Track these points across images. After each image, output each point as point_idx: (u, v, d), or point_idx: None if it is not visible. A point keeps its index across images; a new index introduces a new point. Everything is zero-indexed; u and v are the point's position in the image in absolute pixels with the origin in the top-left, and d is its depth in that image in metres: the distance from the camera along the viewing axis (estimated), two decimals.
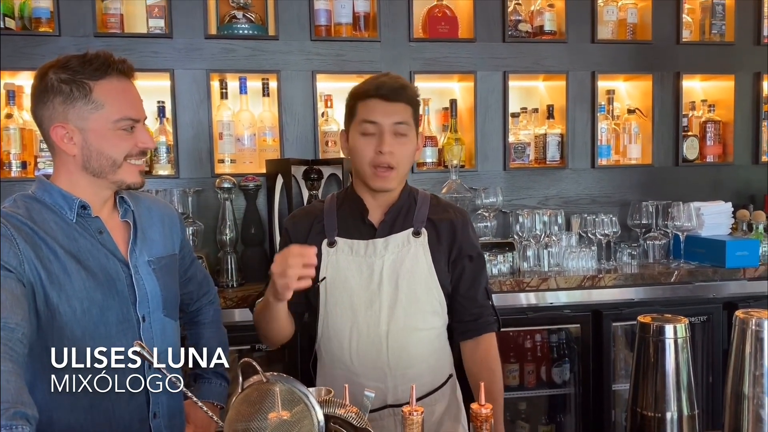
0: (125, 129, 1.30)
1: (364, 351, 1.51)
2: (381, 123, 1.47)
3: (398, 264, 1.51)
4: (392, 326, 1.50)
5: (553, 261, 2.73)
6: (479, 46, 2.92)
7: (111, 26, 2.65)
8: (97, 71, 1.27)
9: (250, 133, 2.77)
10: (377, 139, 1.47)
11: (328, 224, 1.56)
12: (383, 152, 1.46)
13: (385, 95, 1.47)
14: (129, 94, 1.31)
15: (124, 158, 1.31)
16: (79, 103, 1.26)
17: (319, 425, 0.90)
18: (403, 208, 1.57)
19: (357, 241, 1.54)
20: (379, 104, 1.47)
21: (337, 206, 1.60)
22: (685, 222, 2.77)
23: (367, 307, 1.51)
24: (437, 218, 1.58)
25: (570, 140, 3.03)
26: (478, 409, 1.04)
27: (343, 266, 1.52)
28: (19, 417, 0.93)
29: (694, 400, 1.17)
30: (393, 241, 1.53)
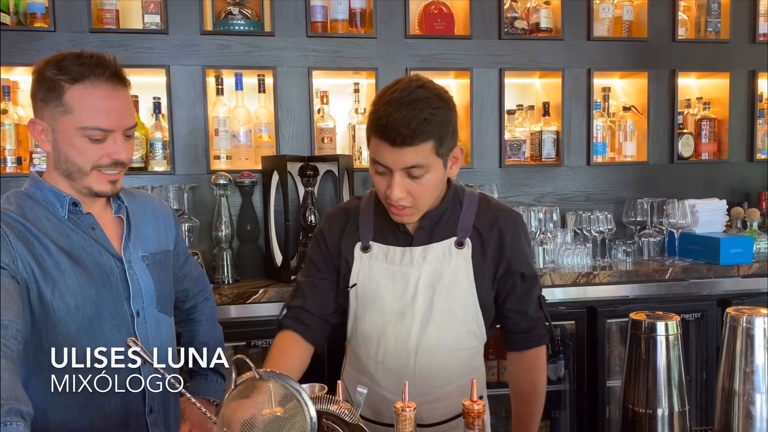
0: (92, 138, 1.25)
1: (390, 364, 1.41)
2: (390, 167, 1.27)
3: (436, 277, 1.38)
4: (423, 343, 1.38)
5: (549, 258, 2.74)
6: (475, 43, 2.93)
7: (106, 22, 2.64)
8: (77, 74, 1.23)
9: (245, 130, 2.77)
10: (389, 178, 1.29)
11: (363, 226, 1.43)
12: (390, 198, 1.29)
13: (393, 140, 1.23)
14: (105, 102, 1.25)
15: (92, 168, 1.27)
16: (52, 104, 1.24)
17: (312, 421, 0.90)
18: (445, 214, 1.41)
19: (393, 248, 1.40)
20: (387, 149, 1.24)
21: (375, 205, 1.45)
22: (680, 219, 2.78)
23: (398, 319, 1.39)
24: (484, 227, 1.41)
25: (566, 137, 3.03)
26: (470, 405, 1.05)
27: (376, 274, 1.40)
28: (14, 413, 0.94)
29: (685, 397, 1.18)
30: (432, 251, 1.39)
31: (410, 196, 1.29)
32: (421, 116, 1.22)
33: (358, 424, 0.96)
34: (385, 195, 1.31)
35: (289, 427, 0.90)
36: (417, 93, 1.24)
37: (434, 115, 1.24)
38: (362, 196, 1.51)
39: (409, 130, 1.22)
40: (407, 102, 1.23)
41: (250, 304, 2.39)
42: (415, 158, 1.25)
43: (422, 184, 1.29)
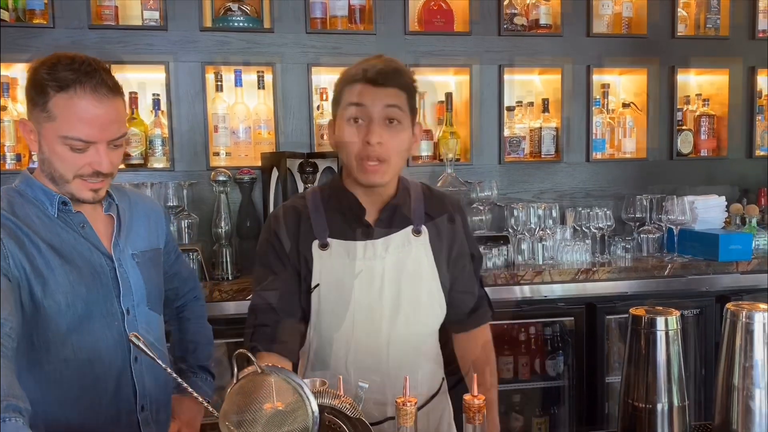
0: (73, 147, 1.22)
1: (362, 361, 1.37)
2: (369, 107, 1.28)
3: (400, 266, 1.37)
4: (393, 334, 1.37)
5: (548, 254, 2.74)
6: (475, 40, 2.93)
7: (105, 18, 2.64)
8: (64, 81, 1.20)
9: (245, 126, 2.77)
10: (365, 128, 1.29)
11: (316, 224, 1.38)
12: (371, 143, 1.28)
13: (374, 79, 1.28)
14: (88, 113, 1.21)
15: (74, 176, 1.26)
16: (38, 108, 1.23)
17: (314, 416, 0.90)
18: (399, 203, 1.41)
19: (353, 243, 1.37)
20: (367, 88, 1.28)
21: (323, 202, 1.41)
22: (679, 216, 2.78)
23: (367, 314, 1.36)
24: (436, 213, 1.44)
25: (565, 134, 3.04)
26: (470, 400, 1.05)
27: (338, 271, 1.36)
28: (12, 410, 0.94)
29: (685, 392, 1.19)
30: (393, 242, 1.38)
31: (385, 148, 1.29)
32: (396, 66, 1.34)
33: (359, 419, 0.96)
34: (360, 148, 1.30)
35: (291, 421, 0.90)
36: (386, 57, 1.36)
37: (405, 71, 1.35)
38: (303, 194, 1.47)
39: (388, 71, 1.30)
40: (381, 60, 1.34)
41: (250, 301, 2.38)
42: (394, 98, 1.30)
43: (396, 133, 1.31)
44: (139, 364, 1.36)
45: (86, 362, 1.28)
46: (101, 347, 1.30)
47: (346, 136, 1.31)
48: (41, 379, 1.25)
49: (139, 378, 1.36)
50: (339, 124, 1.34)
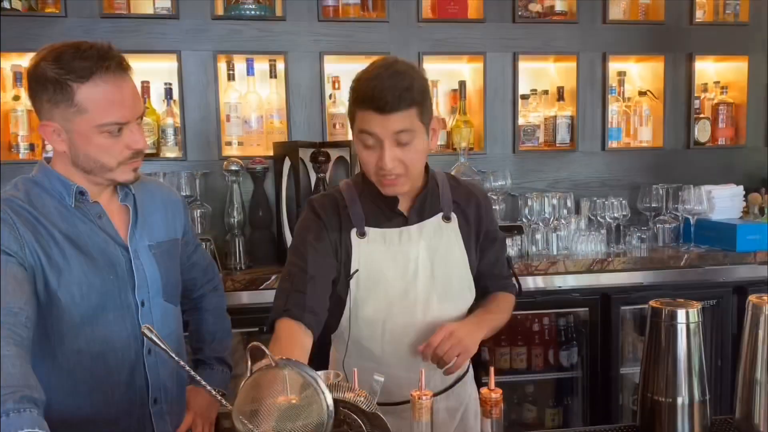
0: (111, 132, 1.23)
1: (398, 342, 1.44)
2: (379, 135, 1.30)
3: (432, 251, 1.45)
4: (428, 315, 1.44)
5: (562, 244, 2.71)
6: (489, 27, 2.89)
7: (117, 7, 2.63)
8: (83, 71, 1.19)
9: (257, 116, 2.75)
10: (378, 152, 1.32)
11: (354, 214, 1.44)
12: (384, 168, 1.32)
13: (381, 108, 1.28)
14: (116, 96, 1.23)
15: (118, 164, 1.27)
16: (63, 105, 1.21)
17: (329, 409, 0.89)
18: (429, 191, 1.47)
19: (389, 230, 1.44)
20: (375, 117, 1.29)
21: (358, 193, 1.47)
22: (696, 205, 2.74)
23: (402, 297, 1.43)
24: (462, 200, 1.51)
25: (580, 122, 3.00)
26: (487, 394, 1.04)
27: (377, 257, 1.43)
28: (26, 400, 0.94)
29: (706, 386, 1.17)
30: (427, 228, 1.45)
31: (401, 164, 1.33)
32: (404, 84, 1.29)
33: (375, 413, 0.95)
34: (376, 168, 1.34)
35: (306, 415, 0.89)
36: (396, 66, 1.32)
37: (415, 83, 1.31)
38: (338, 187, 1.51)
39: (394, 96, 1.28)
40: (389, 75, 1.29)
41: (263, 290, 2.38)
42: (403, 123, 1.30)
43: (410, 150, 1.34)
44: (152, 356, 1.35)
45: (99, 354, 1.28)
46: (115, 339, 1.29)
47: (362, 156, 1.37)
48: (54, 369, 1.25)
49: (152, 370, 1.35)
50: (355, 141, 1.37)
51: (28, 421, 0.91)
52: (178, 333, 1.46)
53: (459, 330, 1.34)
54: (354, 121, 1.36)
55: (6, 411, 0.90)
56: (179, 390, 1.47)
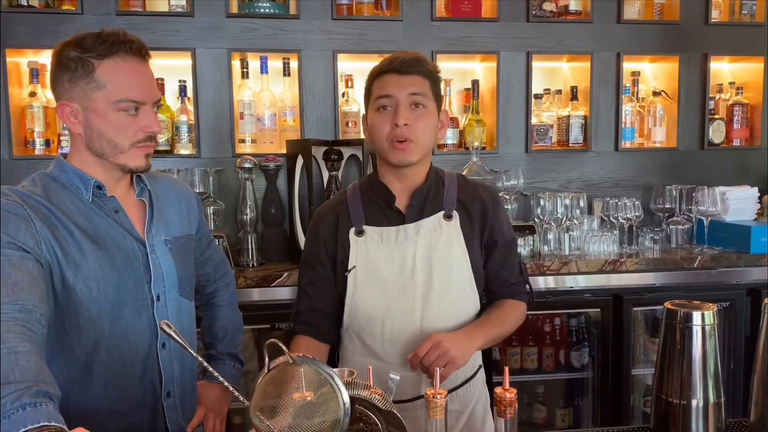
0: (127, 110, 1.26)
1: (397, 340, 1.46)
2: (395, 95, 1.41)
3: (431, 249, 1.46)
4: (426, 313, 1.46)
5: (574, 245, 2.70)
6: (502, 26, 2.88)
7: (133, 4, 2.64)
8: (104, 50, 1.24)
9: (270, 113, 2.76)
10: (393, 113, 1.42)
11: (353, 213, 1.51)
12: (398, 125, 1.40)
13: (398, 68, 1.42)
14: (135, 75, 1.27)
15: (131, 145, 1.28)
16: (82, 82, 1.24)
17: (345, 407, 0.90)
18: (431, 191, 1.51)
19: (386, 228, 1.48)
20: (393, 78, 1.42)
21: (361, 194, 1.54)
22: (710, 207, 2.73)
23: (401, 295, 1.46)
24: (468, 199, 1.53)
25: (593, 122, 2.99)
26: (501, 393, 1.04)
27: (373, 254, 1.47)
28: (42, 395, 0.95)
29: (721, 388, 1.16)
30: (424, 226, 1.48)
31: (412, 129, 1.41)
32: (420, 56, 1.46)
33: (391, 411, 0.96)
34: (389, 130, 1.42)
35: (322, 412, 0.90)
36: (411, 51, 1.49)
37: (430, 64, 1.48)
38: (345, 189, 1.59)
39: (411, 60, 1.43)
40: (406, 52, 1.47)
41: (275, 288, 2.40)
42: (419, 86, 1.43)
43: (422, 118, 1.43)
44: (167, 350, 1.36)
45: (115, 347, 1.29)
46: (131, 333, 1.30)
47: (376, 123, 1.45)
48: (71, 363, 1.27)
49: (166, 364, 1.36)
50: (370, 114, 1.47)
51: (44, 415, 0.91)
52: (191, 328, 1.48)
53: (447, 341, 1.34)
54: (370, 95, 1.47)
55: (22, 405, 0.91)
56: (192, 384, 1.49)
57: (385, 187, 1.51)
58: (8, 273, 1.10)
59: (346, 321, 1.52)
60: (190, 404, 1.48)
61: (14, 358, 0.98)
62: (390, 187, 1.51)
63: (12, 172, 2.55)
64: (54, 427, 0.89)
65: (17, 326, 1.04)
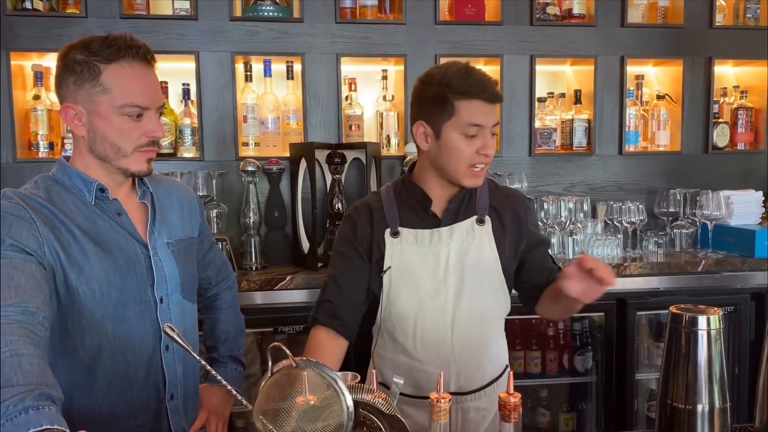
0: (131, 115, 1.26)
1: (429, 339, 1.50)
2: (486, 126, 1.43)
3: (463, 253, 1.50)
4: (458, 315, 1.49)
5: (578, 249, 2.70)
6: (506, 30, 2.88)
7: (137, 8, 2.65)
8: (111, 54, 1.24)
9: (274, 117, 2.76)
10: (479, 140, 1.43)
11: (389, 215, 1.53)
12: (489, 155, 1.44)
13: (489, 98, 1.42)
14: (140, 81, 1.27)
15: (133, 149, 1.28)
16: (88, 85, 1.24)
17: (349, 411, 0.89)
18: (465, 196, 1.54)
19: (421, 231, 1.51)
20: (484, 106, 1.42)
21: (396, 196, 1.56)
22: (714, 211, 2.72)
23: (433, 295, 1.49)
24: (500, 206, 1.56)
25: (597, 126, 2.98)
26: (506, 398, 1.04)
27: (408, 256, 1.50)
28: (44, 398, 0.94)
29: (726, 393, 1.15)
30: (458, 230, 1.51)
31: (491, 156, 1.46)
32: (495, 80, 1.45)
33: (394, 415, 0.95)
34: (473, 157, 1.43)
35: (326, 416, 0.89)
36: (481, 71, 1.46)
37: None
38: (379, 191, 1.61)
39: (496, 86, 1.44)
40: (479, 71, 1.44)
41: (277, 291, 2.39)
42: (497, 116, 1.47)
43: (494, 144, 1.47)
44: (170, 352, 1.36)
45: (119, 350, 1.29)
46: (134, 335, 1.30)
47: (461, 147, 1.43)
48: (75, 366, 1.27)
49: (169, 366, 1.36)
50: (450, 133, 1.44)
51: (47, 418, 0.91)
52: (194, 330, 1.48)
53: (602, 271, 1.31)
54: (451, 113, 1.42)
55: (25, 408, 0.91)
56: (194, 386, 1.49)
57: (422, 191, 1.53)
58: (11, 275, 1.10)
59: (380, 319, 1.55)
60: (193, 407, 1.49)
61: (17, 361, 0.98)
62: (429, 193, 1.52)
63: (16, 175, 2.55)
64: (56, 430, 0.89)
65: (20, 329, 1.04)
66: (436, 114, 1.45)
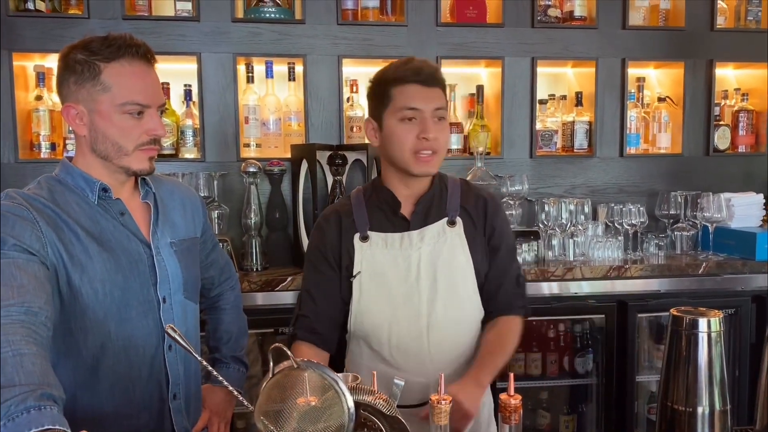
0: (131, 113, 1.27)
1: (404, 345, 1.47)
2: (423, 109, 1.42)
3: (435, 256, 1.47)
4: (432, 318, 1.46)
5: (579, 251, 2.70)
6: (507, 32, 2.88)
7: (139, 9, 2.66)
8: (111, 53, 1.25)
9: (275, 118, 2.77)
10: (418, 125, 1.42)
11: (358, 219, 1.51)
12: (429, 139, 1.41)
13: (424, 81, 1.42)
14: (140, 79, 1.28)
15: (134, 148, 1.29)
16: (88, 84, 1.25)
17: (350, 412, 0.90)
18: (435, 197, 1.52)
19: (391, 234, 1.49)
20: (418, 89, 1.42)
21: (365, 199, 1.55)
22: (715, 213, 2.72)
23: (406, 300, 1.47)
24: (471, 206, 1.53)
25: (598, 128, 2.98)
26: (506, 400, 1.04)
27: (378, 260, 1.48)
28: (46, 398, 0.95)
29: (727, 395, 1.15)
30: (428, 233, 1.49)
31: (437, 141, 1.43)
32: (435, 66, 1.48)
33: (395, 416, 0.95)
34: (415, 143, 1.42)
35: (327, 417, 0.90)
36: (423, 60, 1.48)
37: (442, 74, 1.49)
38: (349, 195, 1.59)
39: (432, 73, 1.44)
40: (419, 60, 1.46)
41: (278, 292, 2.40)
42: (441, 100, 1.45)
43: (444, 130, 1.46)
44: (173, 352, 1.37)
45: (122, 349, 1.29)
46: (137, 335, 1.31)
47: (400, 133, 1.43)
48: (78, 365, 1.27)
49: (172, 366, 1.37)
50: (389, 121, 1.45)
51: (48, 418, 0.92)
52: (196, 331, 1.48)
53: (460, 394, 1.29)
54: (387, 102, 1.44)
55: (27, 408, 0.91)
56: (196, 387, 1.49)
57: (390, 193, 1.51)
58: (14, 275, 1.10)
59: (352, 327, 1.51)
60: (195, 407, 1.49)
61: (19, 361, 0.98)
62: (396, 193, 1.51)
63: (18, 176, 2.56)
64: (58, 430, 0.89)
65: (23, 328, 1.04)
66: (377, 106, 1.48)
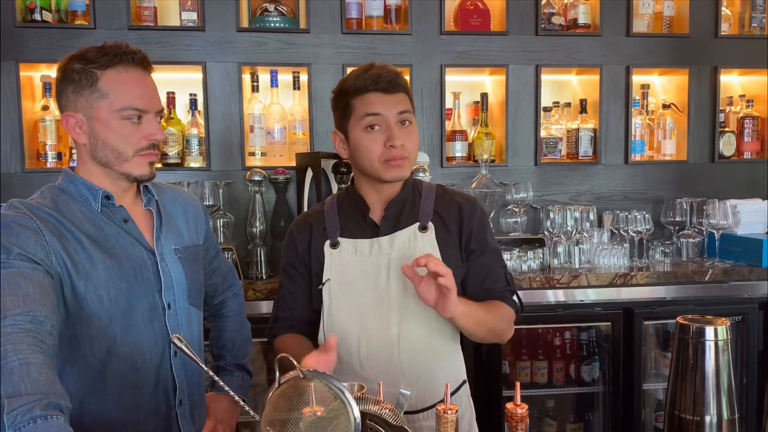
0: (130, 119, 1.28)
1: (374, 355, 1.42)
2: (385, 115, 1.39)
3: (406, 262, 1.38)
4: (403, 328, 1.42)
5: (584, 258, 2.69)
6: (511, 40, 2.89)
7: (145, 19, 2.67)
8: (107, 60, 1.27)
9: (280, 127, 2.78)
10: (384, 132, 1.40)
11: (329, 225, 1.49)
12: (396, 146, 1.39)
13: (384, 88, 1.40)
14: (137, 85, 1.29)
15: (134, 153, 1.30)
16: (86, 92, 1.27)
17: (356, 422, 0.89)
18: (406, 202, 1.49)
19: (361, 241, 1.46)
20: (379, 97, 1.40)
21: (338, 205, 1.53)
22: (721, 220, 2.71)
23: (376, 309, 1.42)
24: (444, 211, 1.49)
25: (603, 135, 2.98)
26: (513, 409, 1.03)
27: (347, 267, 1.44)
28: (53, 407, 0.95)
29: (735, 404, 1.15)
30: (399, 239, 1.45)
31: (405, 147, 1.40)
32: (394, 71, 1.43)
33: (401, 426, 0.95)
34: (383, 150, 1.40)
35: (333, 427, 0.90)
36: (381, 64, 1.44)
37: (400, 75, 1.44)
38: (323, 201, 1.58)
39: (393, 79, 1.41)
40: (378, 66, 1.43)
41: None
42: (403, 104, 1.42)
43: (411, 132, 1.43)
44: (179, 358, 1.37)
45: (128, 356, 1.30)
46: (143, 341, 1.31)
47: (366, 141, 1.41)
48: (84, 372, 1.27)
49: (178, 372, 1.37)
50: (354, 133, 1.43)
51: (54, 428, 0.92)
52: (200, 338, 1.48)
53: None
54: (350, 113, 1.42)
55: (33, 418, 0.92)
56: (201, 395, 1.49)
57: (361, 198, 1.49)
58: (19, 284, 1.11)
59: (322, 337, 1.46)
60: (200, 415, 1.49)
61: (26, 370, 0.98)
62: (366, 199, 1.49)
63: (24, 185, 2.57)
64: None
65: (29, 337, 1.04)
66: (341, 118, 1.46)
